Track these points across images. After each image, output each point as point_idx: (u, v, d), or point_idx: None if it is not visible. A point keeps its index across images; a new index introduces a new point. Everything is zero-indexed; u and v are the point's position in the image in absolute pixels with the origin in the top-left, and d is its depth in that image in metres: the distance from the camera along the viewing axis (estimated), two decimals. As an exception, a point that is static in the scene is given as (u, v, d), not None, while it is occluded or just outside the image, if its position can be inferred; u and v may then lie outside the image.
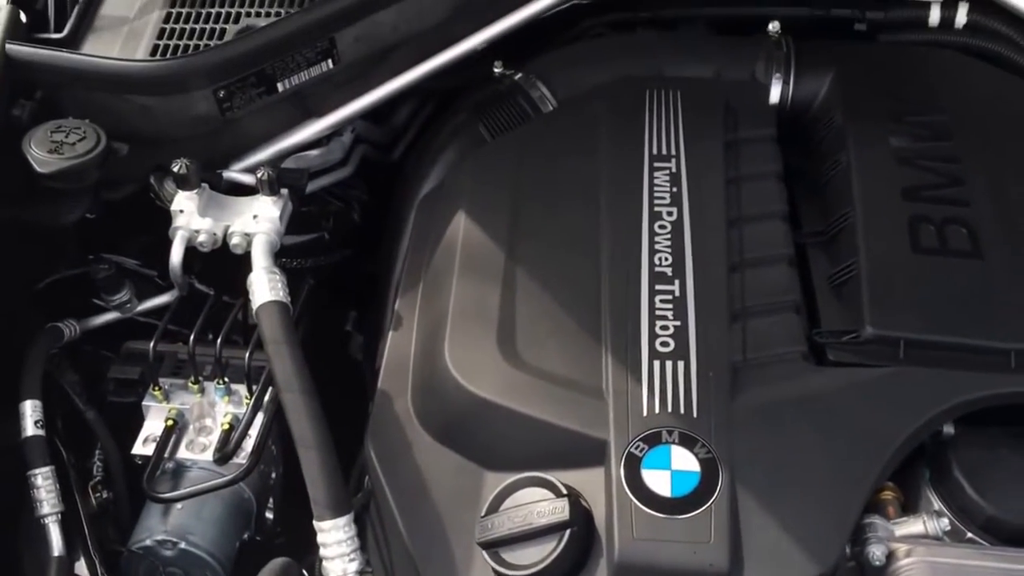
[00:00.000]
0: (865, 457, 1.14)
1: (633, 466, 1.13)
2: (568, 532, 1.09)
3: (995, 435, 1.21)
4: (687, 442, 1.14)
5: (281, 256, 1.59)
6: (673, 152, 1.48)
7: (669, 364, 1.22)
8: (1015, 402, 1.21)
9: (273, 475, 1.41)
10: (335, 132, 1.63)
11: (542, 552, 1.09)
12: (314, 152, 1.60)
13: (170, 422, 1.34)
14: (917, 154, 1.48)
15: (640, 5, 1.84)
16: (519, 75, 1.68)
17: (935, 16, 1.75)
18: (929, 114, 1.54)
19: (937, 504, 1.17)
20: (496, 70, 1.71)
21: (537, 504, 1.12)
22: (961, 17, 1.74)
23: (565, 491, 1.12)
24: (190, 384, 1.36)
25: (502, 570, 1.10)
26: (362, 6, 1.45)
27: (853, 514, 1.10)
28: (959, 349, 1.25)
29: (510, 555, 1.11)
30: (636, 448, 1.14)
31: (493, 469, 1.20)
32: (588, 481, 1.15)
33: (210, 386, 1.36)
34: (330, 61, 1.48)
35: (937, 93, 1.59)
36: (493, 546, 1.11)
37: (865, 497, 1.11)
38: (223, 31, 1.45)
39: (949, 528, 1.14)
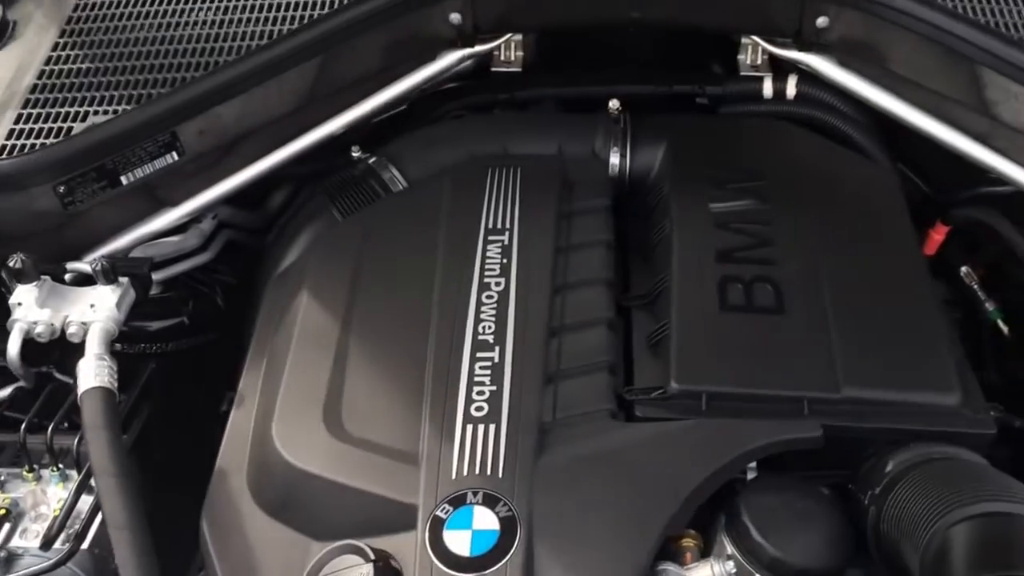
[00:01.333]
0: (656, 507, 1.20)
1: (437, 528, 1.18)
2: (370, 594, 1.15)
3: (787, 479, 1.28)
4: (490, 502, 1.20)
5: (141, 341, 1.67)
6: (507, 225, 1.56)
7: (481, 427, 1.28)
8: (807, 447, 1.28)
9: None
10: (194, 219, 1.70)
11: (343, 617, 1.15)
12: (170, 239, 1.67)
13: (2, 511, 1.38)
14: (734, 218, 1.57)
15: (496, 88, 1.94)
16: (372, 158, 1.77)
17: (768, 89, 1.86)
18: (749, 180, 1.64)
19: (730, 548, 1.23)
20: (354, 154, 1.79)
21: (346, 571, 1.17)
22: (791, 89, 1.84)
23: (373, 556, 1.17)
24: (25, 472, 1.41)
25: (316, 634, 1.16)
26: (200, 101, 1.54)
27: (641, 562, 1.15)
28: (757, 400, 1.33)
29: (325, 619, 1.17)
30: (442, 511, 1.20)
31: (320, 539, 1.25)
32: (401, 545, 1.20)
33: (46, 473, 1.41)
34: (175, 153, 1.56)
35: (759, 160, 1.69)
36: (311, 611, 1.17)
37: (653, 545, 1.17)
38: (70, 129, 1.53)
39: (735, 571, 1.20)
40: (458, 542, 1.17)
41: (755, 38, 1.82)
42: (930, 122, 1.67)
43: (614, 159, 1.73)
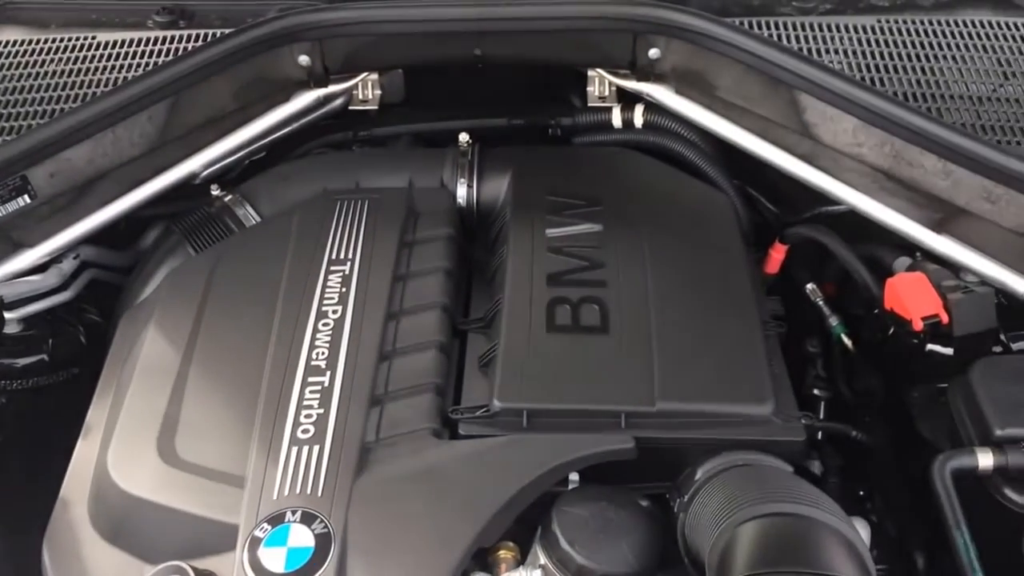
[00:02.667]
0: (466, 520, 1.25)
1: (254, 547, 1.23)
2: (189, 615, 1.19)
3: (601, 491, 1.33)
4: (307, 520, 1.25)
5: (9, 378, 1.70)
6: (350, 256, 1.62)
7: (306, 449, 1.33)
8: (620, 459, 1.34)
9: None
10: (54, 259, 1.74)
11: (168, 634, 1.19)
12: (29, 278, 1.70)
13: None
14: (568, 242, 1.64)
15: (356, 125, 2.00)
16: (229, 196, 1.82)
17: (617, 118, 1.93)
18: (587, 206, 1.71)
19: (542, 557, 1.28)
20: (214, 192, 1.84)
21: (168, 591, 1.22)
22: (638, 118, 1.92)
23: (192, 575, 1.22)
24: None
25: (137, 654, 1.20)
26: (47, 145, 1.58)
27: (446, 573, 1.20)
28: (576, 415, 1.39)
29: (145, 640, 1.21)
30: (260, 530, 1.24)
31: (153, 563, 1.28)
32: (223, 565, 1.24)
33: None
34: (27, 196, 1.60)
35: (598, 187, 1.76)
36: (130, 633, 1.21)
37: (461, 556, 1.21)
38: (-76, 178, 1.57)
39: (541, 579, 1.25)
40: (273, 559, 1.22)
41: (599, 71, 1.89)
42: (762, 145, 1.75)
43: (461, 190, 1.80)
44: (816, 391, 1.77)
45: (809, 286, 1.86)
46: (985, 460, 1.30)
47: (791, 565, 1.10)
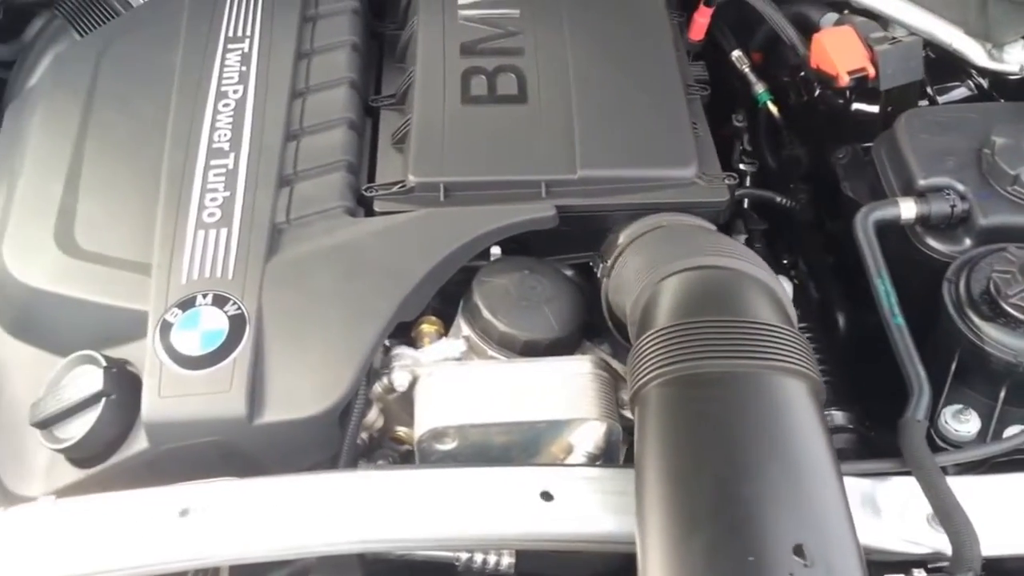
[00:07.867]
0: (385, 294, 1.21)
1: (166, 331, 1.18)
2: (104, 400, 1.14)
3: (522, 261, 1.30)
4: (219, 302, 1.20)
5: None
6: (248, 33, 1.52)
7: (213, 233, 1.27)
8: (541, 227, 1.30)
9: None
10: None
11: (86, 423, 1.15)
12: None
13: None
14: (482, 9, 1.55)
15: None
16: (109, -25, 1.68)
17: None
18: (501, -28, 1.61)
19: (466, 328, 1.26)
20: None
21: (78, 379, 1.17)
22: None
23: (105, 363, 1.17)
24: None
25: (52, 446, 1.16)
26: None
27: (366, 347, 1.17)
28: (495, 187, 1.33)
29: (60, 430, 1.17)
30: (171, 315, 1.19)
31: (63, 355, 1.24)
32: (136, 352, 1.20)
33: None
34: None
35: None
36: (45, 425, 1.16)
37: (381, 330, 1.18)
38: None
39: (465, 348, 1.23)
40: (187, 342, 1.17)
41: None
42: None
43: None
44: (742, 165, 1.75)
45: (735, 53, 1.79)
46: (908, 210, 1.28)
47: (713, 314, 1.07)
